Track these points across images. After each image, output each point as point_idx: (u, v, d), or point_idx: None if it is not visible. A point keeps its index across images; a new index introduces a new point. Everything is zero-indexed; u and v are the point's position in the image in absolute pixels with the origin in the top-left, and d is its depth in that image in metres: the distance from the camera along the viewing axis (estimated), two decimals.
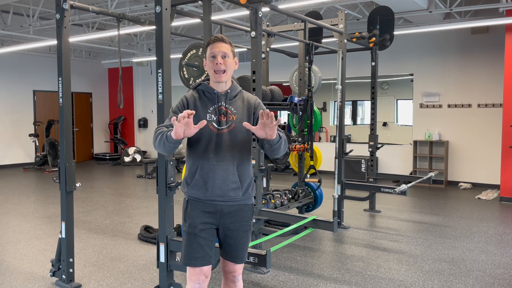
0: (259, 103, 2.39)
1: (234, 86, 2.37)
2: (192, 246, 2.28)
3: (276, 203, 5.08)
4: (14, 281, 3.82)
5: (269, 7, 4.20)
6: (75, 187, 3.66)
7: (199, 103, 2.31)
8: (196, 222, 2.29)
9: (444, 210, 6.53)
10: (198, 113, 2.27)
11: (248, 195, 2.36)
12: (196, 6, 6.77)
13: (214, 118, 2.27)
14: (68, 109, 3.61)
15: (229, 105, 2.31)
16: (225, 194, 2.27)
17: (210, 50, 2.28)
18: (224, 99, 2.31)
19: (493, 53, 8.13)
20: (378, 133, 6.57)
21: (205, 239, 2.29)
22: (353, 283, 3.75)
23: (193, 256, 2.28)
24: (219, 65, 2.25)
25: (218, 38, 2.30)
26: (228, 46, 2.29)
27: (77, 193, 6.06)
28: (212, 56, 2.27)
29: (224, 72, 2.27)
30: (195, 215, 2.30)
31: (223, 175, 2.25)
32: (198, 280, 2.31)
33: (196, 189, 2.29)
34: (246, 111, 2.33)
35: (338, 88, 4.93)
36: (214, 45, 2.28)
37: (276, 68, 8.76)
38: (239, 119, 2.29)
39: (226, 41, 2.30)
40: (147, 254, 4.51)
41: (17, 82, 11.58)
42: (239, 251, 2.36)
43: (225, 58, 2.27)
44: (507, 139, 7.07)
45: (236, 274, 2.40)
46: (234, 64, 2.33)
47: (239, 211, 2.33)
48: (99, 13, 3.90)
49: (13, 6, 8.30)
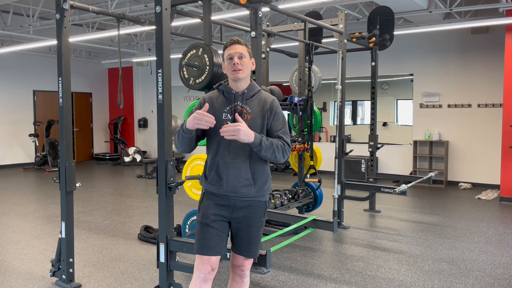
0: (273, 104, 2.42)
1: (252, 86, 2.44)
2: (205, 236, 2.36)
3: (276, 203, 5.08)
4: (14, 281, 3.82)
5: (269, 7, 4.20)
6: (75, 187, 3.66)
7: (217, 102, 2.40)
8: (209, 213, 2.37)
9: (444, 210, 6.53)
10: (215, 111, 2.36)
11: (262, 192, 2.42)
12: (196, 6, 6.76)
13: (230, 117, 2.36)
14: (68, 109, 3.61)
15: (245, 105, 2.38)
16: (237, 191, 2.35)
17: (227, 52, 2.37)
18: (241, 99, 2.38)
19: (493, 53, 8.12)
20: (378, 133, 6.57)
21: (216, 229, 2.36)
22: (353, 283, 3.75)
23: (205, 244, 2.35)
24: (236, 65, 2.33)
25: (234, 40, 2.39)
26: (244, 48, 2.38)
27: (77, 193, 6.06)
28: (229, 58, 2.36)
29: (240, 70, 2.34)
30: (209, 207, 2.39)
31: (236, 172, 2.33)
32: (204, 270, 2.37)
33: (212, 183, 2.39)
34: (261, 111, 2.38)
35: (338, 88, 4.93)
36: (231, 47, 2.37)
37: (276, 68, 8.76)
38: (253, 118, 2.36)
39: (242, 43, 2.39)
40: (147, 254, 4.51)
41: (17, 82, 11.58)
42: (249, 245, 2.41)
43: (241, 58, 2.35)
44: (507, 139, 7.07)
45: (245, 269, 2.46)
46: (251, 64, 2.41)
47: (251, 207, 2.39)
48: (99, 13, 3.90)
49: (13, 6, 8.30)
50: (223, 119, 2.35)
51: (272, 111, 2.39)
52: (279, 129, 2.38)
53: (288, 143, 2.37)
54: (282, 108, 5.30)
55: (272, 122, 2.38)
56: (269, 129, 2.38)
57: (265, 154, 2.28)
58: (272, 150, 2.28)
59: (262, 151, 2.27)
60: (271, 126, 2.38)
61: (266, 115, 2.38)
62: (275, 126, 2.38)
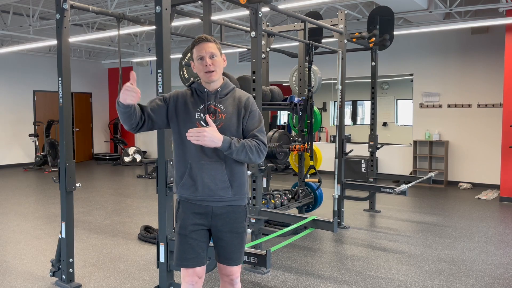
0: (249, 102, 2.31)
1: (226, 84, 2.32)
2: (184, 247, 2.27)
3: (276, 203, 5.08)
4: (14, 281, 3.82)
5: (269, 7, 4.20)
6: (75, 187, 3.65)
7: (191, 101, 2.29)
8: (187, 224, 2.27)
9: (444, 210, 6.53)
10: (188, 111, 2.26)
11: (240, 196, 2.30)
12: (196, 6, 6.77)
13: (203, 116, 2.24)
14: (68, 109, 3.61)
15: (219, 104, 2.27)
16: (214, 194, 2.23)
17: (197, 51, 2.24)
18: (214, 97, 2.27)
19: (493, 53, 8.12)
20: (378, 133, 6.57)
21: (196, 240, 2.26)
22: (353, 283, 3.75)
23: (184, 257, 2.27)
24: (208, 66, 2.22)
25: (202, 38, 2.25)
26: (214, 45, 2.24)
27: (77, 193, 6.06)
28: (199, 58, 2.23)
29: (213, 72, 2.24)
30: (186, 217, 2.28)
31: (212, 174, 2.22)
32: (192, 281, 2.29)
33: (185, 188, 2.27)
34: (236, 109, 2.27)
35: (338, 88, 4.93)
36: (200, 46, 2.23)
37: (276, 68, 8.75)
38: (228, 117, 2.24)
39: (211, 40, 2.25)
40: (147, 254, 4.51)
41: (17, 82, 11.57)
42: (233, 253, 2.30)
43: (213, 58, 2.23)
44: (507, 139, 7.07)
45: (234, 277, 2.35)
46: (222, 62, 2.29)
47: (230, 213, 2.28)
48: (99, 13, 3.90)
49: (13, 6, 8.30)
50: (196, 119, 2.24)
51: (247, 109, 2.27)
52: (255, 127, 2.26)
53: (264, 142, 2.24)
54: (282, 108, 5.35)
55: (247, 120, 2.26)
56: (245, 128, 2.27)
57: (237, 157, 2.17)
58: (244, 152, 2.16)
59: (233, 154, 2.15)
60: (246, 125, 2.26)
61: (242, 114, 2.26)
62: (251, 125, 2.26)
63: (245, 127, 2.27)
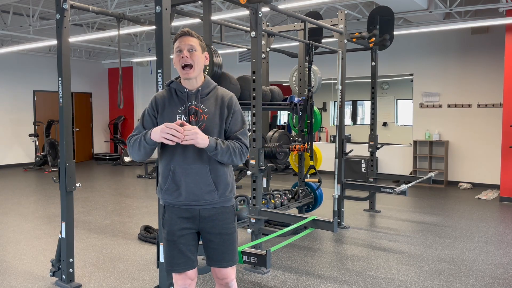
0: (232, 101, 2.22)
1: (207, 83, 2.23)
2: (173, 253, 2.21)
3: (276, 203, 5.08)
4: (14, 281, 3.82)
5: (269, 7, 4.20)
6: (75, 187, 3.66)
7: (170, 102, 2.20)
8: (174, 229, 2.21)
9: (444, 210, 6.53)
10: (168, 113, 2.18)
11: (226, 198, 2.23)
12: (196, 6, 6.77)
13: (184, 118, 2.15)
14: (68, 109, 3.61)
15: (201, 104, 2.18)
16: (199, 198, 2.16)
17: (176, 44, 2.16)
18: (195, 97, 2.18)
19: (493, 53, 8.12)
20: (378, 133, 6.57)
21: (185, 244, 2.21)
22: (353, 283, 3.75)
23: (174, 262, 2.21)
24: (185, 58, 2.12)
25: (184, 32, 2.17)
26: (195, 40, 2.16)
27: (77, 193, 6.07)
28: (178, 50, 2.15)
29: (191, 68, 2.14)
30: (173, 222, 2.22)
31: (196, 178, 2.14)
32: (184, 285, 2.25)
33: (169, 194, 2.19)
34: (219, 109, 2.19)
35: (338, 88, 4.93)
36: (181, 39, 2.15)
37: (276, 68, 8.76)
38: (210, 118, 2.16)
39: (194, 35, 2.17)
40: (147, 254, 4.51)
41: (17, 82, 11.57)
42: (225, 254, 2.23)
43: (192, 51, 2.14)
44: (507, 139, 7.07)
45: (229, 280, 2.29)
46: (203, 59, 2.19)
47: (219, 214, 2.22)
48: (99, 13, 3.90)
49: (13, 6, 8.30)
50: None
51: (230, 110, 2.20)
52: (238, 129, 2.20)
53: (246, 145, 2.19)
54: (282, 108, 5.35)
55: (231, 121, 2.19)
56: (228, 129, 2.20)
57: (221, 158, 2.11)
58: (229, 154, 2.11)
59: (218, 155, 2.10)
60: (229, 126, 2.20)
61: (225, 114, 2.18)
62: (234, 127, 2.20)
63: (228, 128, 2.20)
